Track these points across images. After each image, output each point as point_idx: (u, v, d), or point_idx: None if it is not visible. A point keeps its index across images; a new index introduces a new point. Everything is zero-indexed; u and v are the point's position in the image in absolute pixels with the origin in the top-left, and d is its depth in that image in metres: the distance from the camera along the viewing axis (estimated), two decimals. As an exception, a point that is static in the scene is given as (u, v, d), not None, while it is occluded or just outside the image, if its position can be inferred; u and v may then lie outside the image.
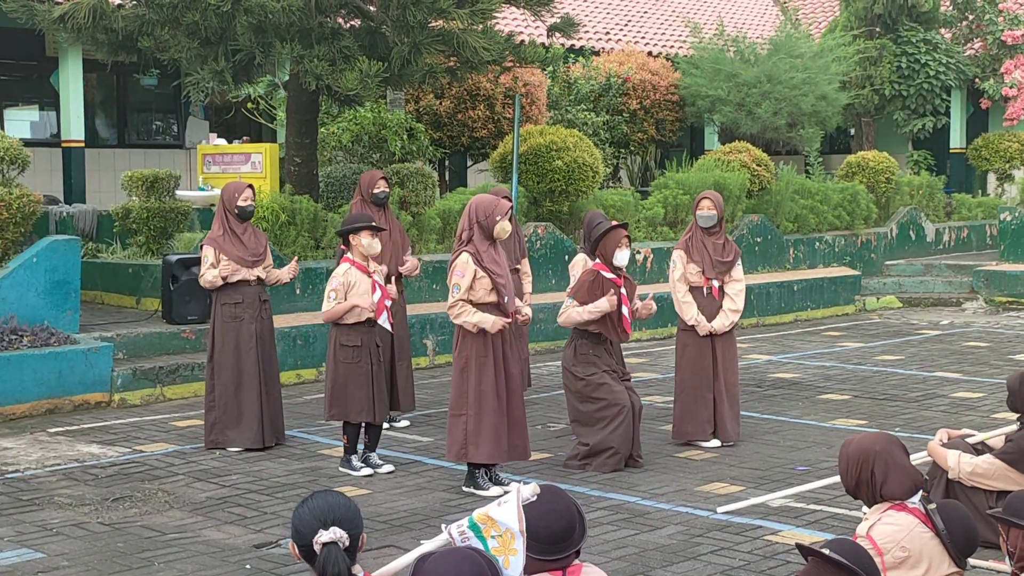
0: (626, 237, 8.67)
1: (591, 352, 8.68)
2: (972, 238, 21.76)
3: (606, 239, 8.66)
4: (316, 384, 12.13)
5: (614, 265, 8.64)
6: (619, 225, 8.73)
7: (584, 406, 8.69)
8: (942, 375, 12.49)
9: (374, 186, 10.09)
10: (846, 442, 5.12)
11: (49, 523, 7.44)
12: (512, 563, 3.72)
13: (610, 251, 8.62)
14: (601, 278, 8.63)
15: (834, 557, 4.04)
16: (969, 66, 23.63)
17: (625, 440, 8.63)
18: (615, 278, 8.64)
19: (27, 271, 11.16)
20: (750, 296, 16.47)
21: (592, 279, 8.64)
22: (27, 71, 19.53)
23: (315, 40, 11.90)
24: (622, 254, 8.62)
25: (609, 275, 8.63)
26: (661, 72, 20.25)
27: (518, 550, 3.74)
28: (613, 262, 8.63)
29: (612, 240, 8.64)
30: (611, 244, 8.63)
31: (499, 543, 3.72)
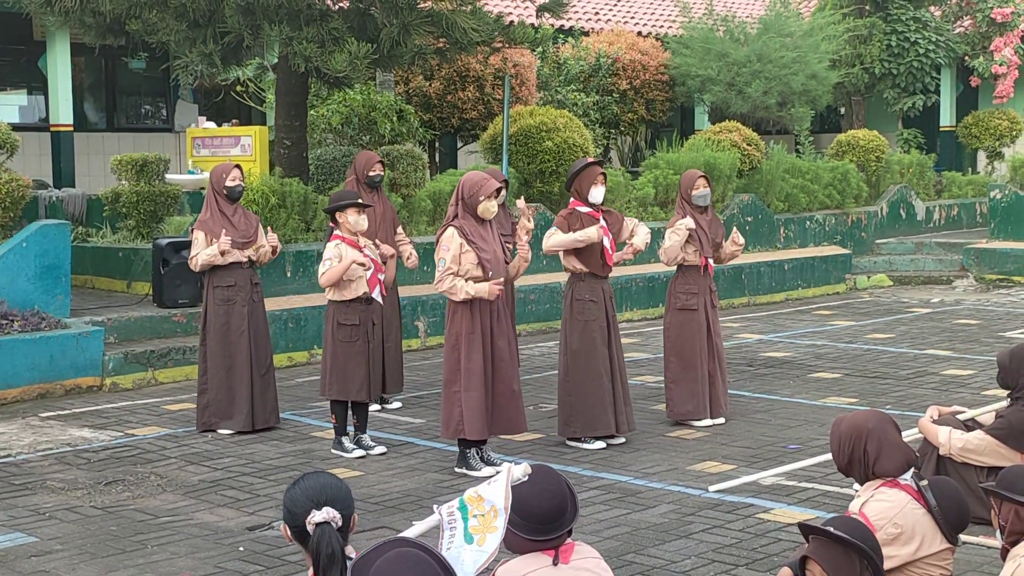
0: (602, 174, 8.67)
1: (587, 296, 8.71)
2: (962, 216, 21.78)
3: (581, 177, 8.66)
4: (307, 367, 12.14)
5: (590, 202, 8.65)
6: (595, 162, 8.73)
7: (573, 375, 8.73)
8: (933, 353, 12.52)
9: (370, 168, 10.09)
10: (837, 420, 5.14)
11: (42, 507, 7.45)
12: (488, 539, 3.73)
13: (585, 188, 8.64)
14: (577, 214, 8.65)
15: (838, 534, 4.06)
16: (959, 44, 23.60)
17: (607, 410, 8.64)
18: (591, 211, 8.66)
19: (17, 256, 11.13)
20: (740, 275, 16.51)
21: (568, 214, 8.67)
22: (15, 55, 19.44)
23: (304, 22, 11.87)
24: (597, 191, 8.63)
25: (585, 209, 8.65)
26: (651, 52, 20.21)
27: (498, 527, 3.75)
28: (589, 199, 8.64)
29: (587, 177, 8.64)
30: (586, 181, 8.64)
31: (479, 521, 3.73)
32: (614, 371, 8.75)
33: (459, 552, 3.68)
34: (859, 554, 4.03)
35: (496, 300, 8.06)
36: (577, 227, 8.63)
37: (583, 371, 8.68)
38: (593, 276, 8.73)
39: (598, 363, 8.69)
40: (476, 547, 3.70)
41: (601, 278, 8.78)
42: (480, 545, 3.70)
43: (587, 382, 8.66)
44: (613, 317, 8.85)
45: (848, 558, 4.02)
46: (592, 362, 8.68)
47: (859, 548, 4.03)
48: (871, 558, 4.03)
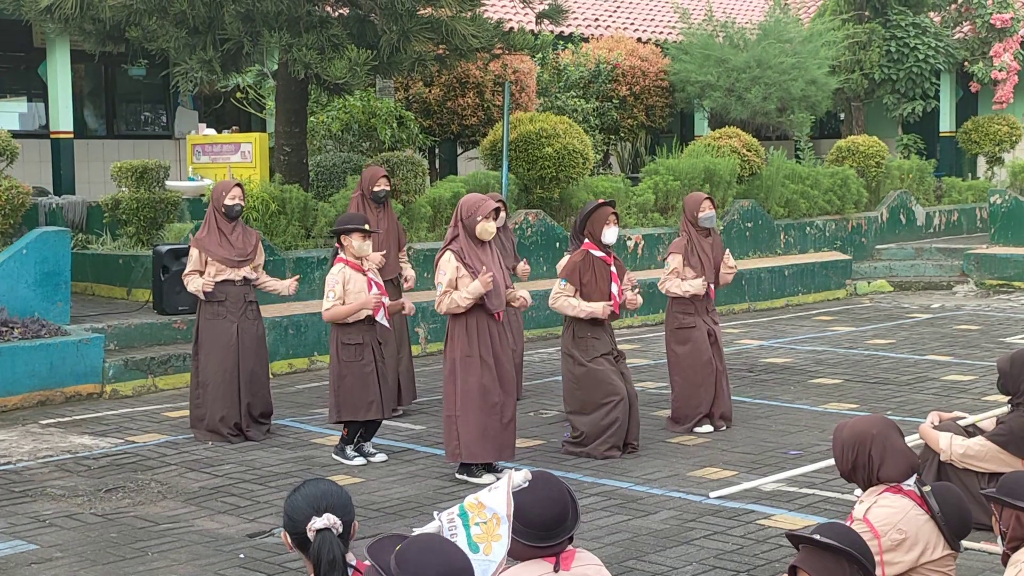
0: (613, 215, 8.68)
1: (589, 335, 8.67)
2: (963, 221, 21.78)
3: (593, 217, 8.67)
4: (308, 373, 12.14)
5: (603, 243, 8.65)
6: (606, 203, 8.74)
7: (582, 393, 8.68)
8: (933, 358, 12.52)
9: (375, 184, 10.07)
10: (840, 426, 5.12)
11: (42, 514, 7.44)
12: (494, 548, 3.71)
13: (598, 229, 8.64)
14: (591, 257, 8.64)
15: (826, 541, 4.04)
16: (958, 49, 23.62)
17: (620, 427, 8.63)
18: (604, 256, 8.66)
19: (17, 263, 11.13)
20: (741, 281, 16.51)
21: (582, 259, 8.66)
22: (15, 62, 19.45)
23: (304, 29, 11.88)
24: (610, 231, 8.63)
25: (598, 253, 8.65)
26: (650, 58, 20.23)
27: (502, 535, 3.73)
28: (602, 240, 8.64)
29: (600, 218, 8.65)
30: (599, 222, 8.64)
31: (482, 530, 3.72)
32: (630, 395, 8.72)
33: None
34: (848, 560, 4.01)
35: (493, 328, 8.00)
36: (588, 276, 8.60)
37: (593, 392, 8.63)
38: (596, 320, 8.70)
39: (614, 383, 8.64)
40: (483, 556, 3.68)
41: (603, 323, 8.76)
42: (487, 555, 3.69)
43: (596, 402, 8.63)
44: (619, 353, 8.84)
45: (838, 565, 4.00)
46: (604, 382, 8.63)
47: (848, 554, 4.00)
48: (861, 564, 4.01)
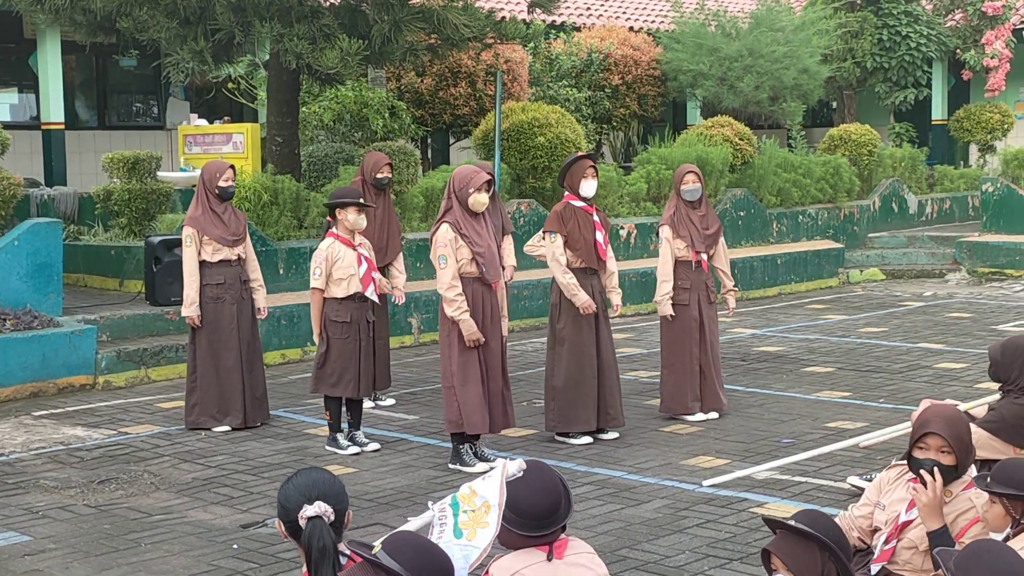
0: (592, 167, 8.73)
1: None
2: (955, 209, 21.80)
3: (572, 170, 8.75)
4: (301, 364, 12.13)
5: (582, 195, 8.70)
6: (585, 155, 8.79)
7: (556, 351, 8.76)
8: (926, 346, 12.54)
9: (378, 171, 10.07)
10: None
11: (35, 506, 7.44)
12: (479, 534, 3.73)
13: (577, 182, 8.72)
14: (572, 207, 8.71)
15: (798, 527, 4.03)
16: (950, 37, 23.61)
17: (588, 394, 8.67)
18: (585, 206, 8.70)
19: (8, 254, 11.11)
20: (733, 270, 16.39)
21: (563, 208, 8.73)
22: (5, 53, 19.40)
23: (295, 19, 11.84)
24: (588, 184, 8.71)
25: (579, 203, 8.69)
26: (643, 47, 20.20)
27: (489, 523, 3.75)
28: (580, 192, 8.71)
29: (578, 171, 8.73)
30: (577, 175, 8.72)
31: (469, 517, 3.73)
32: (603, 366, 8.75)
33: (448, 547, 3.68)
34: (821, 548, 4.00)
35: (489, 299, 8.08)
36: (572, 225, 8.66)
37: (571, 369, 8.67)
38: (584, 271, 8.73)
39: (585, 360, 8.67)
40: (465, 542, 3.69)
41: (592, 272, 8.78)
42: (470, 540, 3.70)
43: (574, 380, 8.66)
44: (603, 311, 8.85)
45: (810, 552, 3.99)
46: (578, 359, 8.67)
47: (821, 542, 3.99)
48: (833, 551, 4.00)
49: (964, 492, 5.01)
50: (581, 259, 8.70)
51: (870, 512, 5.38)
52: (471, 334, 7.88)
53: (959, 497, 5.03)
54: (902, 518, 5.16)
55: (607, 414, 8.79)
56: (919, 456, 5.01)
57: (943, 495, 4.97)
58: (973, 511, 4.93)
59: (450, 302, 7.91)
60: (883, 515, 5.29)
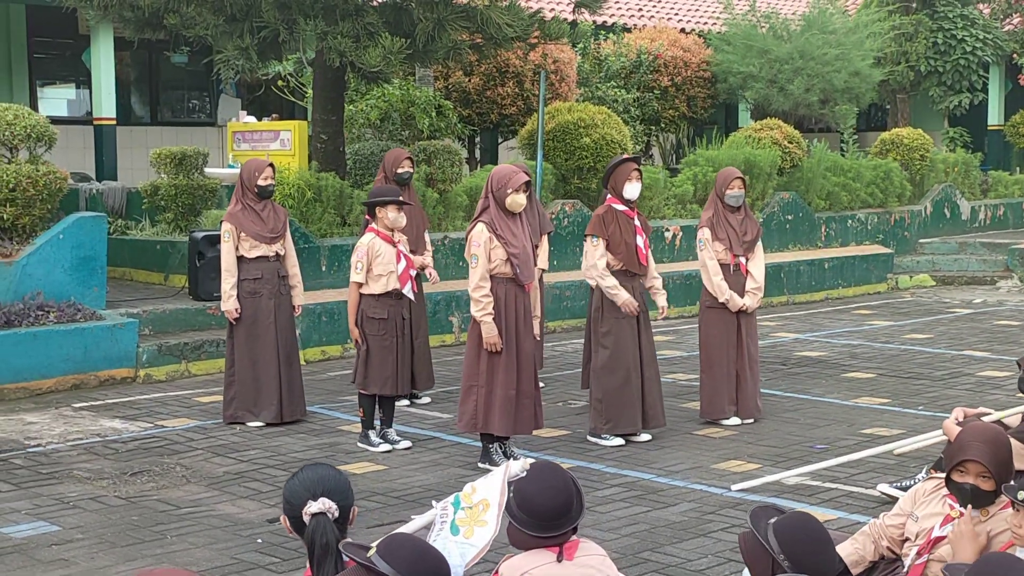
0: (636, 170, 8.72)
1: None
2: (1008, 216, 21.52)
3: (616, 172, 8.73)
4: (340, 360, 12.18)
5: (625, 198, 8.68)
6: (630, 158, 8.77)
7: (600, 354, 8.75)
8: (970, 354, 12.38)
9: (398, 165, 10.12)
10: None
11: (67, 496, 7.51)
12: (477, 533, 3.73)
13: (621, 184, 8.69)
14: (614, 211, 8.69)
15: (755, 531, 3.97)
16: (1007, 42, 23.33)
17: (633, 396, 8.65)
18: (627, 210, 8.68)
19: (54, 247, 11.24)
20: (780, 274, 16.40)
21: (605, 212, 8.72)
22: (62, 49, 19.67)
23: (339, 16, 11.90)
24: (632, 187, 8.69)
25: (621, 207, 8.68)
26: (693, 49, 20.11)
27: (487, 521, 3.75)
28: (624, 195, 8.69)
29: (622, 173, 8.70)
30: (621, 177, 8.69)
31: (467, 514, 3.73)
32: (644, 368, 8.73)
33: (445, 544, 3.69)
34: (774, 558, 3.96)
35: (522, 300, 8.07)
36: (613, 228, 8.64)
37: (613, 370, 8.66)
38: (624, 273, 8.71)
39: (627, 362, 8.66)
40: (462, 539, 3.70)
41: (633, 275, 8.76)
42: (467, 538, 3.70)
43: (617, 381, 8.64)
44: (645, 313, 8.83)
45: (764, 555, 3.95)
46: (622, 361, 8.65)
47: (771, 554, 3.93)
48: (785, 568, 3.94)
49: (1002, 512, 4.93)
50: (622, 263, 8.68)
51: (902, 522, 5.32)
52: (490, 337, 7.87)
53: (996, 516, 4.95)
54: (935, 533, 5.09)
55: (649, 415, 8.78)
56: (958, 480, 4.93)
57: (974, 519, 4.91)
58: (1008, 533, 4.84)
59: (476, 302, 7.91)
60: (915, 527, 5.22)
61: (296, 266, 9.71)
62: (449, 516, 3.77)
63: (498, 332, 7.88)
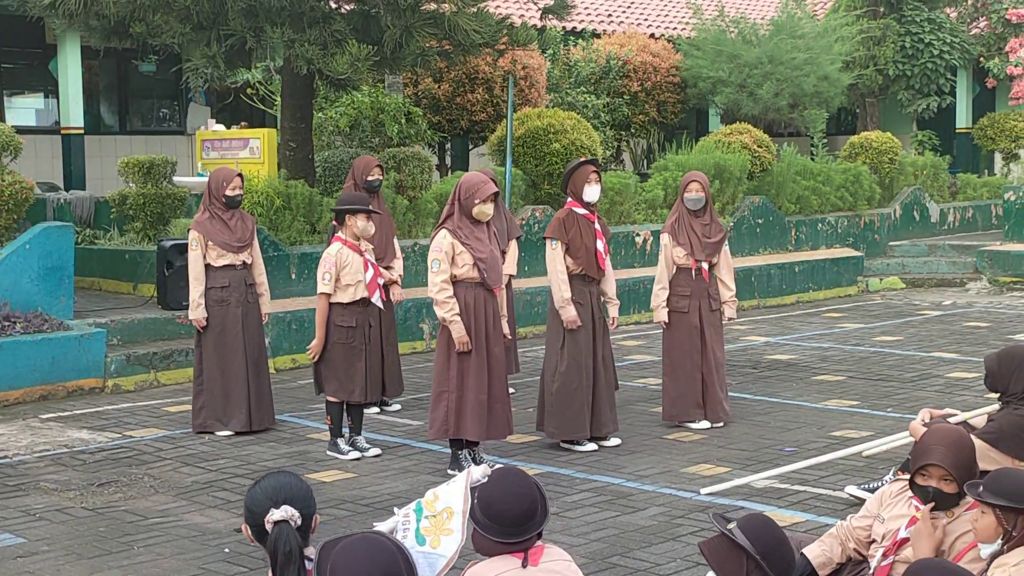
0: (595, 173, 8.70)
1: (575, 299, 8.65)
2: (977, 218, 21.63)
3: (576, 175, 8.71)
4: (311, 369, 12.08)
5: (585, 201, 8.66)
6: (588, 161, 8.76)
7: (552, 357, 8.73)
8: (939, 355, 12.44)
9: (368, 173, 10.09)
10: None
11: (33, 508, 7.46)
12: (443, 542, 3.71)
13: (580, 187, 8.67)
14: (574, 215, 8.67)
15: (728, 531, 3.98)
16: (974, 45, 23.46)
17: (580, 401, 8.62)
18: (587, 214, 8.67)
19: (20, 257, 11.16)
20: (750, 277, 16.45)
21: (565, 215, 8.70)
22: (28, 59, 19.55)
23: (307, 24, 11.86)
24: (591, 189, 8.66)
25: (581, 211, 8.66)
26: (662, 54, 20.15)
27: (453, 530, 3.73)
28: (583, 197, 8.67)
29: (581, 176, 8.68)
30: (580, 180, 8.67)
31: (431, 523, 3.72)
32: (597, 375, 8.71)
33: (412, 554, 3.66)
34: (748, 557, 3.96)
35: (491, 304, 8.06)
36: (573, 232, 8.63)
37: (568, 375, 8.63)
38: (583, 278, 8.70)
39: (581, 367, 8.64)
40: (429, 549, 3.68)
41: (591, 280, 8.75)
42: (434, 548, 3.69)
43: (571, 386, 8.62)
44: (600, 319, 8.81)
45: (735, 556, 3.96)
46: (576, 366, 8.63)
47: (747, 552, 3.94)
48: (760, 564, 3.95)
49: (966, 513, 4.95)
50: (581, 267, 8.67)
51: (869, 524, 5.34)
52: (460, 336, 7.86)
53: (960, 518, 4.97)
54: (900, 534, 5.11)
55: (599, 422, 8.75)
56: (921, 483, 4.95)
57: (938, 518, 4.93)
58: (971, 534, 4.86)
59: (441, 304, 7.89)
60: (882, 528, 5.24)
61: (263, 274, 9.68)
62: (412, 524, 3.75)
63: (462, 332, 7.87)
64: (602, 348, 8.79)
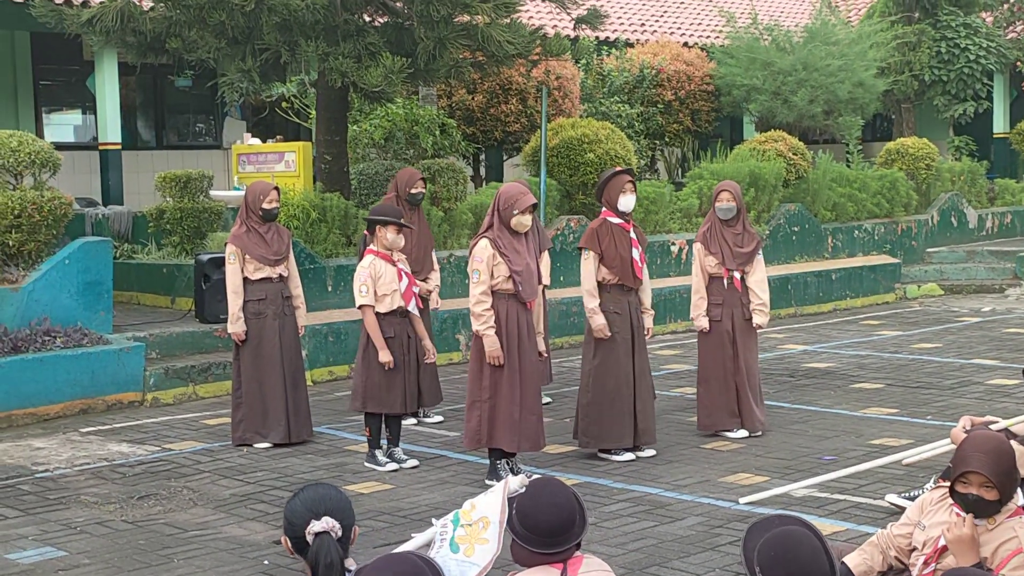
0: (630, 182, 8.70)
1: (612, 309, 8.67)
2: (1016, 224, 21.47)
3: (610, 185, 8.71)
4: (348, 381, 12.12)
5: (620, 210, 8.66)
6: (623, 170, 8.75)
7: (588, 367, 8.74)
8: (979, 362, 12.34)
9: (412, 186, 10.11)
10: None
11: (73, 521, 7.51)
12: (477, 551, 3.71)
13: (614, 197, 8.68)
14: (608, 224, 8.67)
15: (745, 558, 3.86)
16: (1011, 49, 23.29)
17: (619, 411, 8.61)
18: (622, 223, 8.67)
19: (59, 272, 11.26)
20: (787, 286, 16.38)
21: (599, 225, 8.70)
22: (67, 75, 19.72)
23: (341, 37, 11.92)
24: (626, 199, 8.67)
25: (616, 220, 8.66)
26: (696, 62, 20.11)
27: (488, 539, 3.73)
28: (618, 207, 8.68)
29: (616, 185, 8.69)
30: (615, 190, 8.68)
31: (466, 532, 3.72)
32: (637, 385, 8.70)
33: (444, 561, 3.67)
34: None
35: (525, 316, 8.06)
36: (608, 242, 8.63)
37: (604, 384, 8.63)
38: (620, 287, 8.70)
39: (620, 377, 8.64)
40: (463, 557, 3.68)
41: (629, 290, 8.74)
42: (468, 556, 3.69)
43: (606, 396, 8.62)
44: (639, 329, 8.80)
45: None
46: (614, 376, 8.63)
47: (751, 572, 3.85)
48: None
49: (1008, 520, 4.90)
50: (617, 276, 8.66)
51: (910, 532, 5.30)
52: (492, 350, 7.87)
53: (1002, 526, 4.93)
54: (941, 542, 5.07)
55: (640, 431, 8.74)
56: (961, 491, 4.91)
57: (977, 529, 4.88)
58: (1015, 541, 4.81)
59: (477, 316, 7.91)
60: (922, 535, 5.20)
61: (299, 287, 9.71)
62: (448, 533, 3.76)
63: (500, 346, 7.88)
64: (641, 358, 8.77)
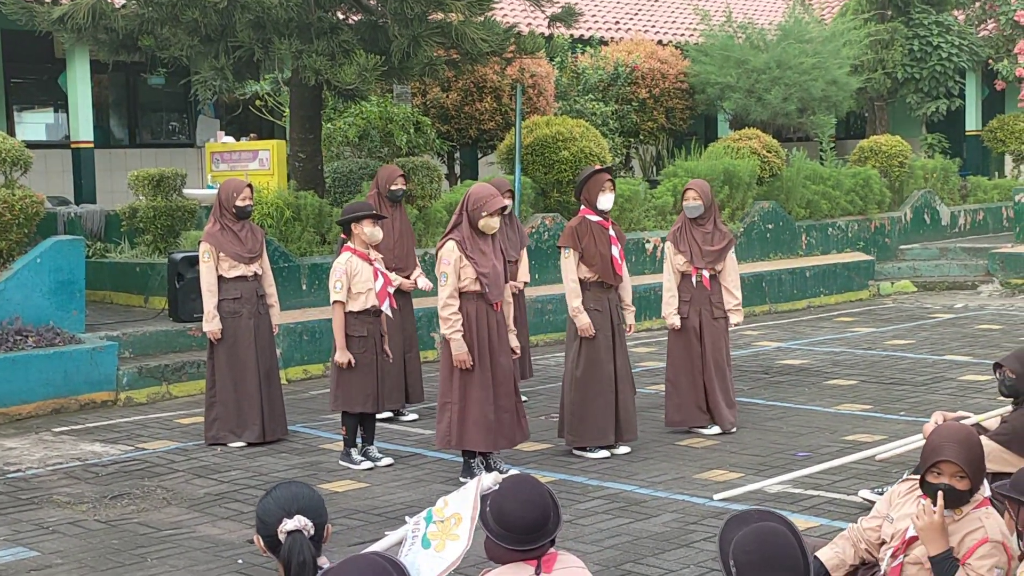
0: (609, 181, 8.71)
1: (592, 306, 8.67)
2: (988, 221, 21.58)
3: (589, 183, 8.72)
4: (323, 379, 12.12)
5: (599, 209, 8.67)
6: (602, 169, 8.76)
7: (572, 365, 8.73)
8: (951, 358, 12.40)
9: (392, 183, 10.12)
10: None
11: (46, 521, 7.47)
12: (448, 546, 3.70)
13: (594, 195, 8.68)
14: (587, 222, 8.68)
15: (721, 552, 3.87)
16: (983, 47, 23.41)
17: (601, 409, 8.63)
18: (601, 220, 8.67)
19: (31, 272, 11.19)
20: (761, 283, 16.43)
21: (578, 223, 8.70)
22: (39, 73, 19.61)
23: (314, 35, 11.89)
24: (606, 197, 8.68)
25: (595, 218, 8.66)
26: (670, 60, 20.14)
27: (459, 536, 3.72)
28: (597, 206, 8.68)
29: (596, 184, 8.69)
30: (595, 188, 8.68)
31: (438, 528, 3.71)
32: (618, 382, 8.71)
33: (415, 558, 3.66)
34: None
35: (494, 315, 8.05)
36: (587, 240, 8.63)
37: (588, 382, 8.65)
38: (600, 285, 8.71)
39: (603, 374, 8.65)
40: (433, 552, 3.68)
41: (609, 287, 8.75)
42: (438, 552, 3.68)
43: (589, 393, 8.63)
44: (619, 326, 8.81)
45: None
46: (596, 373, 8.65)
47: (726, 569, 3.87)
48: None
49: (975, 511, 4.93)
50: (597, 274, 8.67)
51: (879, 525, 5.33)
52: (459, 354, 7.85)
53: (969, 516, 4.95)
54: (909, 533, 5.10)
55: (622, 428, 8.76)
56: (933, 481, 4.92)
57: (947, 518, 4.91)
58: (982, 531, 4.84)
59: (445, 320, 7.89)
60: (891, 528, 5.23)
61: (273, 285, 9.69)
62: (421, 530, 3.75)
63: (468, 349, 7.86)
64: (621, 355, 8.78)
